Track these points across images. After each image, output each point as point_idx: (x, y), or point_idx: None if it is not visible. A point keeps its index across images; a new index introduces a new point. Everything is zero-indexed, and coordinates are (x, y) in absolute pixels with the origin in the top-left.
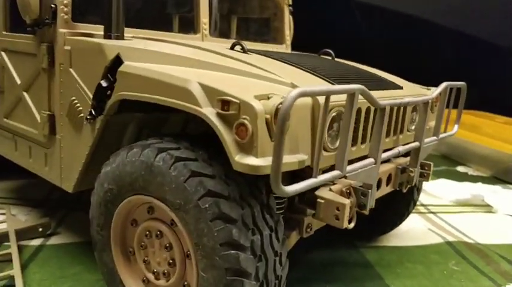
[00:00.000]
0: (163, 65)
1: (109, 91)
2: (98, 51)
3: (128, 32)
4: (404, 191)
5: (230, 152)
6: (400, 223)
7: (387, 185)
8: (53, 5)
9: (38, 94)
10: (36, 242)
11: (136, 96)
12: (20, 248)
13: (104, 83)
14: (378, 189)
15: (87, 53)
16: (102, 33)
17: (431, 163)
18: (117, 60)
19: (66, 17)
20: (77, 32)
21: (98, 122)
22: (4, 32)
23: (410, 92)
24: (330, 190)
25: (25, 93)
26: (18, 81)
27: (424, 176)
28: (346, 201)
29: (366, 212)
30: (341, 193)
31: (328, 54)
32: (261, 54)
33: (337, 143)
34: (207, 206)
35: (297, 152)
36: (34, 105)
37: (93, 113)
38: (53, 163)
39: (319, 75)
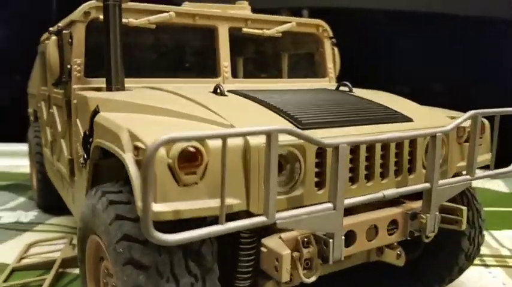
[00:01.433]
0: (127, 113)
1: (91, 138)
2: (86, 103)
3: (143, 82)
4: (426, 240)
5: (135, 196)
6: (451, 278)
7: (392, 232)
8: (69, 65)
9: (65, 141)
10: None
11: (101, 143)
12: (63, 275)
13: (87, 132)
14: (352, 239)
15: (83, 106)
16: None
17: (464, 208)
18: (96, 111)
19: (78, 74)
20: (88, 87)
21: (88, 166)
22: (42, 87)
23: (421, 124)
24: (280, 237)
25: (62, 140)
26: (59, 129)
27: (454, 223)
28: (285, 251)
29: (331, 262)
30: (295, 242)
31: (345, 85)
32: (241, 95)
33: (291, 186)
34: (121, 250)
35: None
36: (65, 150)
37: (84, 158)
38: (74, 201)
39: (285, 116)
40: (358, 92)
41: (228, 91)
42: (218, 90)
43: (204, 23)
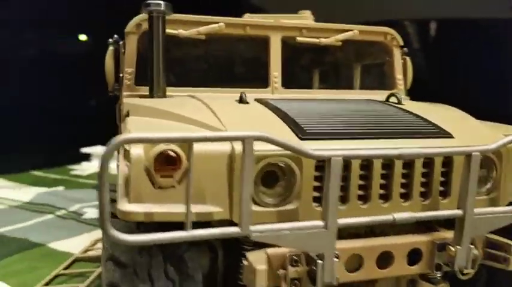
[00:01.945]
0: (148, 117)
1: None
2: (123, 109)
3: (194, 91)
4: (463, 278)
5: (118, 197)
6: None
7: (414, 262)
8: (121, 75)
9: None
10: None
11: None
12: None
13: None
14: (358, 265)
15: (123, 111)
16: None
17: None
18: (127, 115)
19: (128, 83)
20: (136, 94)
21: None
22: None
23: (462, 142)
24: (266, 252)
25: None
26: None
27: (502, 261)
28: (260, 266)
29: None
30: (283, 259)
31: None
32: (263, 103)
33: (283, 198)
34: (106, 246)
35: (203, 202)
36: None
37: None
38: None
39: (290, 125)
40: (410, 104)
41: (256, 100)
42: (242, 99)
43: (255, 33)
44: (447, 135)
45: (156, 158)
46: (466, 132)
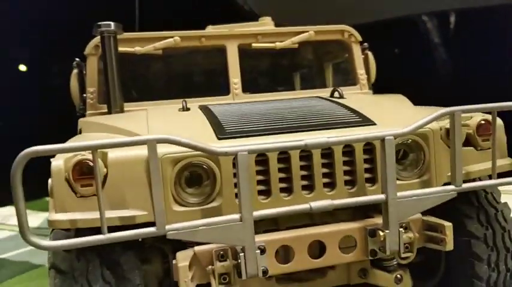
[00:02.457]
0: (94, 132)
1: None
2: (78, 126)
3: (156, 104)
4: (403, 262)
5: (49, 209)
6: None
7: (349, 251)
8: (84, 95)
9: None
10: None
11: None
12: None
13: None
14: (289, 256)
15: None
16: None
17: (448, 224)
18: (80, 132)
19: (91, 101)
20: (98, 112)
21: None
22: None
23: (383, 128)
24: (193, 250)
25: None
26: None
27: (439, 243)
28: (181, 263)
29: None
30: (210, 256)
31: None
32: (202, 109)
33: (205, 197)
34: (49, 255)
35: (126, 207)
36: None
37: None
38: None
39: (214, 127)
40: (352, 97)
41: (199, 107)
42: (183, 107)
43: (211, 43)
44: (370, 123)
45: (74, 168)
46: (394, 120)
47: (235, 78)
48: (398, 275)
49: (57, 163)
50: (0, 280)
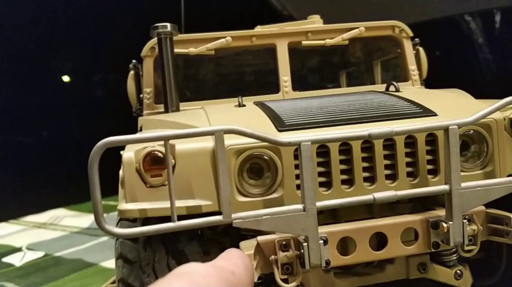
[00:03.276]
0: (155, 129)
1: None
2: (138, 124)
3: (209, 103)
4: (467, 255)
5: (119, 199)
6: None
7: (411, 243)
8: (141, 95)
9: None
10: None
11: None
12: None
13: None
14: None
15: (138, 126)
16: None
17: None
18: (141, 129)
19: (148, 102)
20: (155, 111)
21: None
22: None
23: (446, 118)
24: (257, 240)
25: None
26: None
27: (504, 235)
28: (248, 252)
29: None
30: (273, 246)
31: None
32: (257, 104)
33: (267, 188)
34: (117, 246)
35: (192, 197)
36: None
37: None
38: None
39: (273, 120)
40: (409, 91)
41: (254, 102)
42: (239, 103)
43: (262, 43)
44: (431, 114)
45: (144, 159)
46: (455, 111)
47: (285, 76)
48: (459, 271)
49: (129, 155)
50: (57, 276)
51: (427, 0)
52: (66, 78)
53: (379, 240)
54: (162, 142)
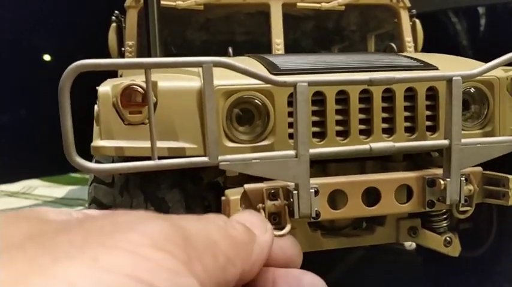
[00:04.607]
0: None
1: None
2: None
3: None
4: (461, 216)
5: (94, 137)
6: None
7: (406, 200)
8: (123, 49)
9: None
10: None
11: None
12: None
13: None
14: (342, 201)
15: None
16: None
17: (511, 177)
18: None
19: (130, 55)
20: None
21: None
22: None
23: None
24: (243, 188)
25: None
26: None
27: (501, 197)
28: (233, 197)
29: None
30: (260, 194)
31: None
32: (254, 57)
33: (257, 134)
34: (90, 190)
35: (175, 139)
36: None
37: None
38: None
39: (267, 66)
40: (408, 53)
41: (248, 55)
42: (228, 54)
43: (255, 1)
44: (432, 67)
45: (122, 93)
46: (456, 66)
47: (278, 39)
48: (448, 238)
49: (105, 89)
50: None
51: None
52: (47, 57)
53: (372, 196)
54: (143, 78)
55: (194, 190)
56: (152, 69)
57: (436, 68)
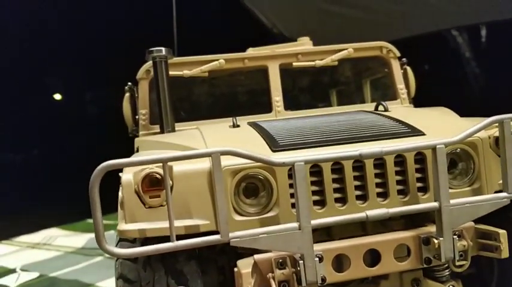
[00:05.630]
0: (151, 149)
1: None
2: (135, 145)
3: (204, 123)
4: (459, 270)
5: (119, 220)
6: None
7: (403, 259)
8: (137, 117)
9: None
10: None
11: None
12: None
13: None
14: (345, 264)
15: (135, 147)
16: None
17: (502, 231)
18: (137, 150)
19: (143, 123)
20: (151, 132)
21: None
22: None
23: (433, 138)
24: (253, 258)
25: None
26: None
27: (494, 250)
28: (244, 270)
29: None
30: (270, 263)
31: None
32: (251, 125)
33: (262, 207)
34: (116, 266)
35: (190, 217)
36: None
37: None
38: None
39: (267, 140)
40: (397, 110)
41: (248, 123)
42: (233, 123)
43: (254, 64)
44: (419, 133)
45: (143, 181)
46: (442, 130)
47: (277, 97)
48: (451, 286)
49: (128, 177)
50: None
51: (413, 17)
52: (58, 97)
53: (373, 256)
54: (161, 164)
55: (208, 254)
56: (162, 149)
57: (423, 133)
